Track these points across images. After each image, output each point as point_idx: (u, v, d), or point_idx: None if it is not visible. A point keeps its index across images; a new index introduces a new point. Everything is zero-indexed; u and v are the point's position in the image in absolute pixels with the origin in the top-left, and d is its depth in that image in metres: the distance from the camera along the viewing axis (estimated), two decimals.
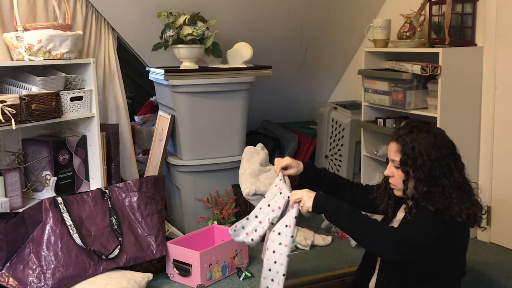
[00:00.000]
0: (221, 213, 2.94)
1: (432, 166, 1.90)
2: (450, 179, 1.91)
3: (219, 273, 2.55)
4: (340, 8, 3.63)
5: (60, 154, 2.78)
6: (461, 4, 2.92)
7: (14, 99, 2.43)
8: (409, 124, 2.02)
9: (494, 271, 2.61)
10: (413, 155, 1.92)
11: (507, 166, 2.83)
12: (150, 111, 4.31)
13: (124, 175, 3.16)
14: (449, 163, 1.91)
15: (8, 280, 2.25)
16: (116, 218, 2.52)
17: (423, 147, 1.91)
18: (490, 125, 2.88)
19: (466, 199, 1.92)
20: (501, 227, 2.89)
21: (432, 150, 1.91)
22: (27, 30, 2.61)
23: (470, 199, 1.94)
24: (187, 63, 3.13)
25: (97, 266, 2.38)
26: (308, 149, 3.90)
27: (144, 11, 3.14)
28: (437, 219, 1.89)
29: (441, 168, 1.91)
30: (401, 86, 2.97)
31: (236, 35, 3.32)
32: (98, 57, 3.08)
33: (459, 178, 1.92)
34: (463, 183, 1.94)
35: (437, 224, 1.89)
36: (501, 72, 2.82)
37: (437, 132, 1.97)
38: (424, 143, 1.92)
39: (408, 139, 1.94)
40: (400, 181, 1.98)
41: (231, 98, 3.12)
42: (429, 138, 1.93)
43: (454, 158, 1.94)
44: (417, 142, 1.92)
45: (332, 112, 3.76)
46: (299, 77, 3.98)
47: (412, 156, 1.92)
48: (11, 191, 2.63)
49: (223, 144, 3.15)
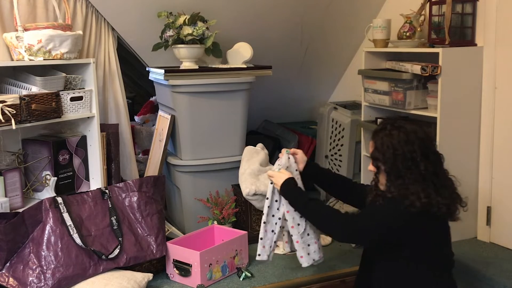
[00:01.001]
0: (221, 213, 2.94)
1: (396, 160, 2.05)
2: (415, 172, 2.03)
3: (219, 273, 2.55)
4: (340, 8, 3.63)
5: (60, 154, 2.78)
6: (461, 4, 2.92)
7: (14, 99, 2.43)
8: (384, 122, 2.19)
9: (494, 271, 2.61)
10: (382, 150, 2.08)
11: (507, 166, 2.83)
12: (150, 111, 4.31)
13: (124, 175, 3.16)
14: (414, 157, 2.03)
15: (8, 280, 2.25)
16: (116, 218, 2.52)
17: (391, 142, 2.06)
18: (490, 125, 2.88)
19: (433, 190, 2.02)
20: (501, 227, 2.89)
21: (399, 145, 2.05)
22: (27, 30, 2.61)
23: (439, 191, 2.03)
24: (187, 63, 3.13)
25: (97, 266, 2.38)
26: (308, 149, 3.90)
27: (144, 11, 3.14)
28: (391, 206, 2.05)
29: (404, 161, 2.04)
30: (401, 86, 2.97)
31: (236, 35, 3.32)
32: (98, 57, 3.08)
33: (425, 171, 2.03)
34: (432, 176, 2.04)
35: (390, 211, 2.05)
36: (501, 72, 2.82)
37: (409, 128, 2.09)
38: (392, 139, 2.07)
39: (380, 135, 2.12)
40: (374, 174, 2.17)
41: (231, 98, 3.12)
42: (399, 134, 2.07)
43: (423, 152, 2.04)
44: (387, 138, 2.08)
45: (332, 112, 3.76)
46: (299, 77, 3.98)
47: (381, 151, 2.09)
48: (11, 191, 2.63)
49: (223, 144, 3.15)
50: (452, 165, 2.87)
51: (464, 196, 2.14)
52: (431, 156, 2.08)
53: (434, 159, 2.09)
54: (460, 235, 2.93)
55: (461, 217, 2.56)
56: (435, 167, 2.07)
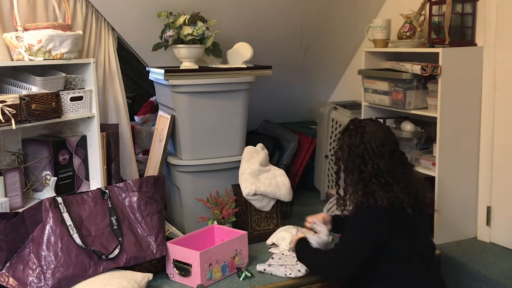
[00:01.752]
0: (221, 213, 2.94)
1: (348, 159, 2.21)
2: (363, 170, 2.16)
3: (219, 273, 2.55)
4: (340, 8, 3.63)
5: (60, 154, 2.78)
6: (461, 4, 2.92)
7: (14, 99, 2.43)
8: (350, 122, 2.32)
9: (494, 271, 2.61)
10: (342, 149, 2.25)
11: (507, 166, 2.83)
12: (150, 111, 4.31)
13: (124, 175, 3.16)
14: (363, 155, 2.16)
15: (8, 280, 2.25)
16: (116, 218, 2.52)
17: (347, 142, 2.22)
18: (490, 125, 2.88)
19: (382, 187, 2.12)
20: (501, 227, 2.89)
21: (353, 145, 2.19)
22: (27, 30, 2.61)
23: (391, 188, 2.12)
24: (187, 63, 3.13)
25: (97, 266, 2.38)
26: (308, 149, 3.90)
27: (144, 11, 3.14)
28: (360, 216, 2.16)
29: (355, 160, 2.18)
30: (401, 86, 2.97)
31: (236, 35, 3.32)
32: (98, 57, 3.08)
33: (375, 169, 2.14)
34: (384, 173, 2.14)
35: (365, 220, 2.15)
36: (501, 72, 2.82)
37: (368, 128, 2.21)
38: (349, 139, 2.22)
39: (342, 136, 2.27)
40: None
41: (231, 98, 3.12)
42: (356, 134, 2.20)
43: (375, 151, 2.15)
44: (345, 138, 2.24)
45: (332, 112, 3.76)
46: (299, 77, 3.98)
47: (341, 149, 2.26)
48: (11, 191, 2.63)
49: (223, 144, 3.15)
50: (452, 165, 2.89)
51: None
52: (386, 154, 2.17)
53: (390, 158, 2.17)
54: (460, 235, 2.93)
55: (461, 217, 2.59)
56: (389, 166, 2.16)
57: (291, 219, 3.29)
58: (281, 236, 2.86)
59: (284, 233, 2.87)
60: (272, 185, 2.95)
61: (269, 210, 2.99)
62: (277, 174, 3.04)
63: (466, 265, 2.67)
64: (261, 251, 2.85)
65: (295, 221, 3.14)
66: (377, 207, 2.09)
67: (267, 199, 2.95)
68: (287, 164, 3.78)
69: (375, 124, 2.27)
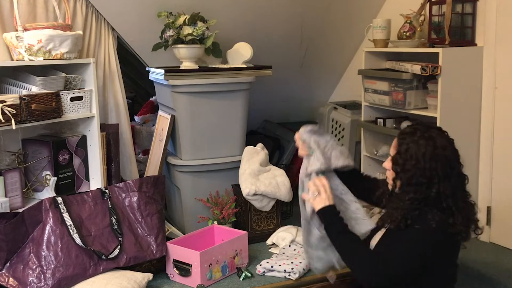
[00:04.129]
0: (221, 213, 2.94)
1: (414, 174, 1.89)
2: (426, 192, 1.88)
3: (219, 273, 2.54)
4: (340, 8, 3.63)
5: (60, 154, 2.78)
6: (461, 4, 2.92)
7: (14, 99, 2.43)
8: (415, 126, 1.99)
9: (494, 271, 2.61)
10: (405, 157, 1.92)
11: (507, 166, 2.83)
12: (150, 111, 4.31)
13: (124, 175, 3.16)
14: (432, 176, 1.87)
15: (8, 280, 2.25)
16: (116, 218, 2.52)
17: (415, 153, 1.89)
18: (490, 125, 2.88)
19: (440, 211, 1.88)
20: (501, 227, 2.89)
21: (422, 159, 1.88)
22: (27, 30, 2.61)
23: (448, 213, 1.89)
24: (187, 63, 3.13)
25: (97, 266, 2.38)
26: None
27: (144, 11, 3.14)
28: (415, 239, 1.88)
29: (421, 178, 1.88)
30: (401, 86, 2.98)
31: (236, 35, 3.32)
32: (98, 57, 3.08)
33: (440, 193, 1.88)
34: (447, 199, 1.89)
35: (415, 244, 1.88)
36: (501, 72, 2.82)
37: (439, 142, 1.91)
38: (418, 150, 1.89)
39: (407, 140, 1.93)
40: (391, 178, 2.00)
41: (231, 98, 3.12)
42: (426, 146, 1.89)
43: (444, 173, 1.88)
44: (413, 145, 1.90)
45: (332, 112, 3.76)
46: (299, 77, 3.98)
47: (403, 157, 1.92)
48: (11, 191, 2.63)
49: (223, 144, 3.15)
50: None
51: (482, 225, 2.00)
52: (453, 178, 1.90)
53: (455, 182, 1.91)
54: None
55: None
56: (454, 190, 1.90)
57: (291, 219, 3.29)
58: (281, 236, 2.86)
59: (284, 233, 2.87)
60: (272, 185, 2.95)
61: (269, 210, 2.99)
62: (277, 174, 3.04)
63: (466, 265, 2.67)
64: (261, 251, 2.85)
65: (295, 221, 3.14)
66: (432, 230, 1.86)
67: (267, 199, 2.95)
68: (287, 164, 3.78)
69: (444, 137, 1.95)
